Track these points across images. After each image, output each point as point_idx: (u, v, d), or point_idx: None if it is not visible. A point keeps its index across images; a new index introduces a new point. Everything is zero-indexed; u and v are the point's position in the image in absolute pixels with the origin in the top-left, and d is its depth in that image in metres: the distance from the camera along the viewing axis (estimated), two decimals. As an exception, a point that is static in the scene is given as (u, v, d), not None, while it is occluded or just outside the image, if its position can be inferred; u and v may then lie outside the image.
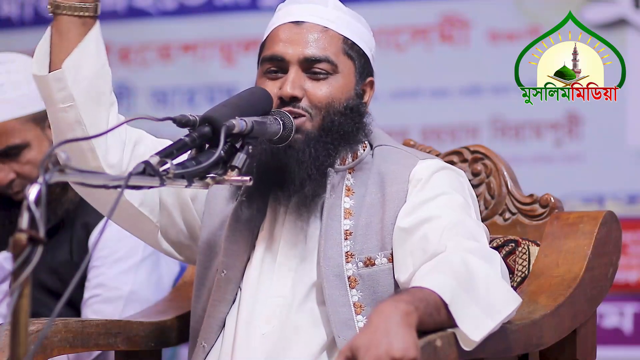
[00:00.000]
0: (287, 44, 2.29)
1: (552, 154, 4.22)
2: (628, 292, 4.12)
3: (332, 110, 2.27)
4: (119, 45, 4.84)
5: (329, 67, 2.28)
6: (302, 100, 2.26)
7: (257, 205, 2.34)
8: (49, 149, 1.68)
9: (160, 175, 1.86)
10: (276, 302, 2.26)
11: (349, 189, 2.29)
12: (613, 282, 2.40)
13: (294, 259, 2.29)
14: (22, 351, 1.59)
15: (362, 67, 2.34)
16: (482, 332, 1.93)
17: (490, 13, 4.28)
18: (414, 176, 2.27)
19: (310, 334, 2.23)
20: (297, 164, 2.24)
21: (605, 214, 2.39)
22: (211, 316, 2.32)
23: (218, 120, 2.03)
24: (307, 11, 2.32)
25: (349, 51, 2.31)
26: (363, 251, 2.24)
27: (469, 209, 2.24)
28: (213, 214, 2.38)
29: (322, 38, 2.29)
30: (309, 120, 2.26)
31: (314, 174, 2.25)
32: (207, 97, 4.69)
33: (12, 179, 2.89)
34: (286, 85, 2.26)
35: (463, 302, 1.93)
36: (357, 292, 2.22)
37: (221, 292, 2.32)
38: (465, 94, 4.29)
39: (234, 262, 2.32)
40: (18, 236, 1.58)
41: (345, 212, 2.27)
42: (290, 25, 2.31)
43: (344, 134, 2.28)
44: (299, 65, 2.27)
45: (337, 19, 2.32)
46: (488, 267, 2.04)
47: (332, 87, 2.28)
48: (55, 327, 2.27)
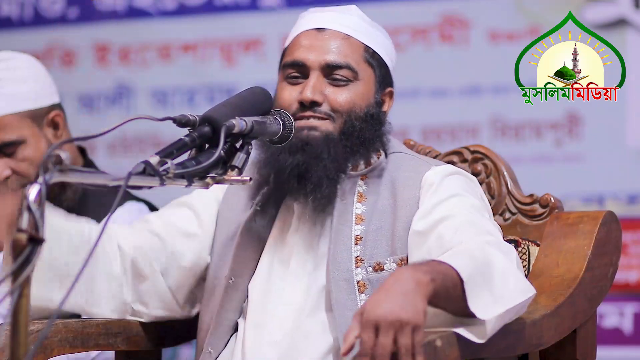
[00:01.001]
0: (309, 49, 2.31)
1: (552, 154, 4.21)
2: (628, 292, 4.11)
3: (354, 116, 2.28)
4: (119, 45, 4.83)
5: (350, 73, 2.29)
6: (323, 105, 2.27)
7: (269, 214, 2.34)
8: (49, 149, 1.67)
9: (160, 175, 1.87)
10: (287, 309, 2.26)
11: (362, 195, 2.30)
12: (613, 282, 2.40)
13: (307, 265, 2.29)
14: (22, 351, 1.59)
15: (382, 77, 2.35)
16: (490, 314, 1.92)
17: (490, 13, 4.27)
18: (425, 181, 2.27)
19: (320, 340, 2.23)
20: (315, 161, 2.24)
21: (605, 214, 2.39)
22: (219, 323, 2.32)
23: (218, 120, 2.03)
24: (329, 19, 2.34)
25: (369, 59, 2.33)
26: (373, 256, 2.24)
27: (482, 209, 2.25)
28: (227, 224, 2.38)
29: (343, 45, 2.31)
30: (331, 123, 2.27)
31: (332, 174, 2.25)
32: (207, 97, 4.69)
33: (8, 175, 2.89)
34: (307, 90, 2.27)
35: (478, 284, 1.92)
36: (365, 296, 2.22)
37: (229, 299, 2.32)
38: (465, 94, 4.28)
39: (242, 269, 2.33)
40: (18, 236, 1.58)
41: (356, 217, 2.27)
42: (313, 32, 2.33)
43: (363, 140, 2.29)
44: (320, 70, 2.29)
45: (359, 28, 2.34)
46: (504, 258, 2.04)
47: (353, 93, 2.29)
48: (55, 327, 2.27)
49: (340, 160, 2.26)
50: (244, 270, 2.33)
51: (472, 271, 1.93)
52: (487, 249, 2.03)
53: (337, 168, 2.26)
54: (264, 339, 2.25)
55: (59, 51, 4.88)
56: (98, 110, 4.85)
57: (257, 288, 2.31)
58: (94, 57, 4.87)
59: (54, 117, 2.95)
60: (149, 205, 3.03)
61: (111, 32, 4.84)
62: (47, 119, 2.94)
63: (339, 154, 2.26)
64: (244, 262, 2.33)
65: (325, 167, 2.24)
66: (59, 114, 2.97)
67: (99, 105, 4.86)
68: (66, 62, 4.89)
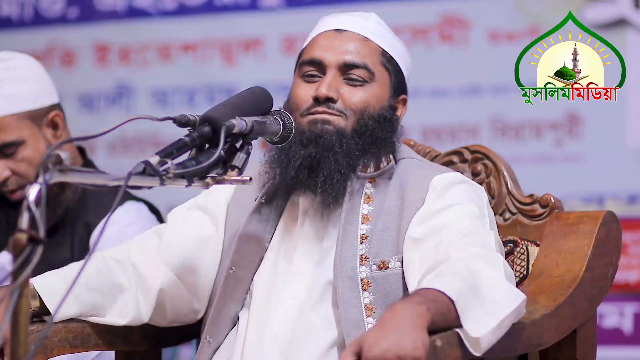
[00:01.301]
0: (327, 49, 2.34)
1: (552, 154, 4.21)
2: (628, 292, 4.11)
3: (367, 115, 2.30)
4: (119, 45, 4.83)
5: (366, 74, 2.32)
6: (337, 102, 2.29)
7: (275, 208, 2.35)
8: (49, 149, 1.67)
9: (160, 175, 1.87)
10: (290, 304, 2.27)
11: (369, 196, 2.31)
12: (613, 282, 2.40)
13: (311, 261, 2.30)
14: (22, 351, 1.59)
15: (398, 83, 2.38)
16: (483, 330, 1.92)
17: (490, 13, 4.27)
18: (432, 184, 2.29)
19: (322, 335, 2.24)
20: (328, 154, 2.26)
21: (605, 214, 2.39)
22: (219, 312, 2.33)
23: (218, 120, 2.03)
24: (348, 21, 2.38)
25: (386, 63, 2.36)
26: (378, 255, 2.25)
27: (483, 218, 2.25)
28: (234, 220, 2.39)
29: (361, 47, 2.34)
30: (344, 120, 2.29)
31: (343, 168, 2.26)
32: (207, 97, 4.69)
33: (7, 176, 2.89)
34: (322, 86, 2.30)
35: (468, 301, 1.93)
36: (369, 294, 2.23)
37: (229, 290, 2.33)
38: (465, 94, 4.28)
39: (244, 261, 2.33)
40: (18, 236, 1.58)
41: (363, 217, 2.28)
42: (332, 33, 2.37)
43: (375, 140, 2.31)
44: (337, 69, 2.32)
45: (377, 32, 2.37)
46: (490, 269, 2.04)
47: (368, 94, 2.31)
48: (55, 327, 2.26)
49: (352, 157, 2.28)
50: (246, 262, 2.33)
51: (460, 289, 1.93)
52: (473, 263, 2.04)
53: (349, 164, 2.28)
54: (266, 333, 2.25)
55: (59, 51, 4.88)
56: (98, 110, 4.85)
57: (262, 282, 2.31)
58: (94, 57, 4.87)
59: (53, 118, 2.95)
60: (148, 206, 3.04)
61: (111, 32, 4.84)
62: (46, 119, 2.94)
63: (351, 150, 2.28)
64: (247, 254, 2.33)
65: (337, 161, 2.26)
66: (59, 114, 2.97)
67: (99, 105, 4.86)
68: (66, 62, 4.89)
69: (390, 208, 2.28)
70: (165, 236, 2.41)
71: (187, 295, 2.37)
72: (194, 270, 2.37)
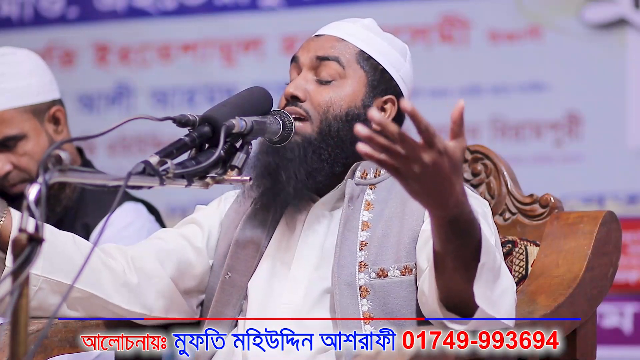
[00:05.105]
0: (303, 48, 2.37)
1: (552, 154, 4.21)
2: (628, 292, 4.11)
3: (331, 115, 2.29)
4: (119, 45, 4.84)
5: (338, 68, 2.31)
6: (305, 102, 2.29)
7: (272, 213, 2.35)
8: (49, 149, 1.67)
9: (160, 174, 1.87)
10: (287, 309, 2.26)
11: (369, 203, 2.29)
12: (613, 282, 2.40)
13: (309, 267, 2.29)
14: (22, 351, 1.59)
15: (377, 81, 2.35)
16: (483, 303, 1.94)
17: (490, 13, 4.28)
18: None
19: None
20: (285, 162, 2.26)
21: (605, 214, 2.39)
22: (214, 316, 2.32)
23: (218, 120, 2.03)
24: (331, 28, 2.40)
25: (362, 62, 2.34)
26: (377, 262, 2.23)
27: (492, 237, 2.24)
28: (229, 228, 2.38)
29: (335, 45, 2.35)
30: (310, 124, 2.28)
31: (300, 173, 2.25)
32: (207, 97, 4.69)
33: (9, 170, 2.89)
34: (290, 85, 2.31)
35: (486, 275, 1.94)
36: (367, 301, 2.21)
37: (225, 295, 2.32)
38: (465, 94, 4.29)
39: (240, 265, 2.33)
40: (18, 236, 1.58)
41: (362, 224, 2.27)
42: (313, 37, 2.40)
43: (339, 140, 2.28)
44: (309, 68, 2.32)
45: (358, 34, 2.37)
46: (512, 279, 2.07)
47: (335, 93, 2.30)
48: (55, 327, 2.26)
49: (309, 159, 2.26)
50: (242, 267, 2.32)
51: (488, 263, 1.94)
52: (502, 262, 2.06)
53: (306, 167, 2.26)
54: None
55: (59, 51, 4.88)
56: (98, 110, 4.86)
57: (258, 287, 2.31)
58: (93, 57, 4.88)
59: (55, 113, 2.96)
60: (147, 206, 3.04)
61: (111, 32, 4.84)
62: (48, 114, 2.95)
63: (308, 153, 2.26)
64: (242, 259, 2.33)
65: (293, 167, 2.25)
66: (60, 110, 2.98)
67: (99, 105, 4.87)
68: (66, 62, 4.89)
69: (391, 215, 2.27)
70: (161, 241, 2.41)
71: (181, 298, 2.37)
72: (189, 276, 2.37)
